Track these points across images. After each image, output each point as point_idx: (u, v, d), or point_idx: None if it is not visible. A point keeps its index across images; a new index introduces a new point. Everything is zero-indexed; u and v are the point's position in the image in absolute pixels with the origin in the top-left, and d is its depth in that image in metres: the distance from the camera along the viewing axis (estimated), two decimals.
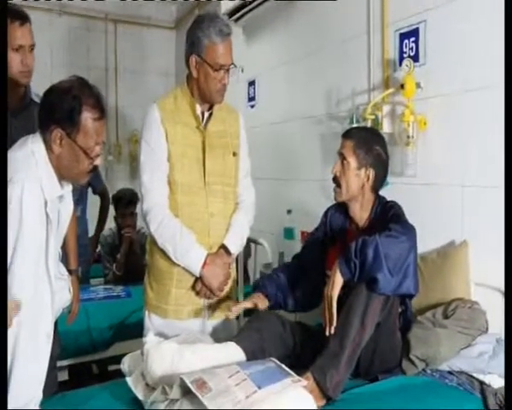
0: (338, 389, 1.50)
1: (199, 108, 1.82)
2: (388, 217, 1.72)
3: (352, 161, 1.79)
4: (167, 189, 1.78)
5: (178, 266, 1.79)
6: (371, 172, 1.80)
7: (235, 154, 1.89)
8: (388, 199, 1.85)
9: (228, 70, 1.76)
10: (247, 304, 1.85)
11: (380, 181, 1.84)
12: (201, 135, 1.81)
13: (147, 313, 1.88)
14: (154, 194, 1.77)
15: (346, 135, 1.85)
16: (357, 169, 1.79)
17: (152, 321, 1.86)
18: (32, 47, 1.76)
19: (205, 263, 1.77)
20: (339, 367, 1.50)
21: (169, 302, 1.82)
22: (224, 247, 1.84)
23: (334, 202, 1.94)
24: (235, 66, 1.78)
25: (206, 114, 1.84)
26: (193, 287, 1.82)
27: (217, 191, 1.83)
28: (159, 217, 1.76)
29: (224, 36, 1.73)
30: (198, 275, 1.78)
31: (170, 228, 1.76)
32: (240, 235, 1.90)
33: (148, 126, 1.79)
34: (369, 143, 1.81)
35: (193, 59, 1.74)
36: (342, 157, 1.82)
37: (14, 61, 1.71)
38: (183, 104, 1.81)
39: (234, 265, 1.96)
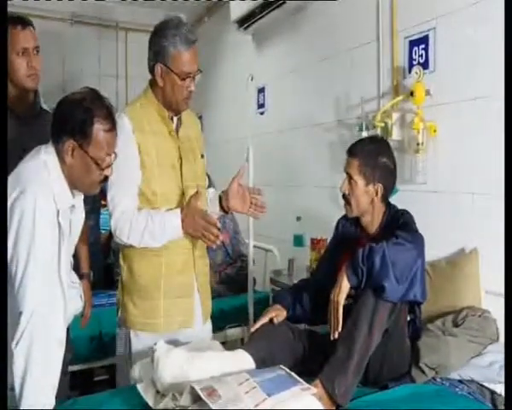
0: (347, 396, 1.50)
1: (167, 114, 1.78)
2: (398, 225, 1.72)
3: (359, 180, 1.79)
4: (137, 200, 1.69)
5: (165, 277, 1.75)
6: (380, 187, 1.79)
7: (202, 156, 1.88)
8: (398, 206, 1.85)
9: (194, 77, 1.72)
10: (264, 319, 1.82)
11: (389, 191, 1.84)
12: (174, 141, 1.77)
13: (132, 332, 1.79)
14: (122, 208, 1.67)
15: (351, 153, 1.84)
16: (365, 186, 1.79)
17: (140, 339, 1.78)
18: (36, 49, 1.76)
19: (182, 221, 1.67)
20: (347, 374, 1.50)
21: (158, 316, 1.76)
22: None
23: (343, 209, 1.94)
24: (201, 71, 1.74)
25: (175, 120, 1.80)
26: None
27: None
28: (127, 224, 1.67)
29: (190, 43, 1.69)
30: (183, 235, 1.70)
31: (139, 224, 1.66)
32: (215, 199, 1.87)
33: (118, 138, 1.64)
34: (374, 158, 1.79)
35: (158, 68, 1.69)
36: (349, 176, 1.81)
37: (20, 65, 1.73)
38: (150, 112, 1.74)
39: None
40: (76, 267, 1.77)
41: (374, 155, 1.80)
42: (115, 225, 1.69)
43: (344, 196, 1.84)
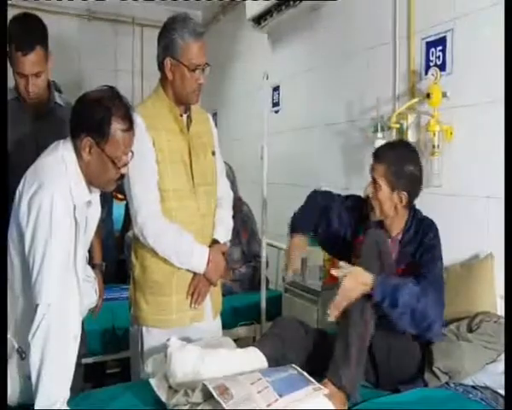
0: (353, 385, 1.54)
1: (178, 112, 1.80)
2: (424, 245, 1.73)
3: (384, 186, 1.76)
4: (159, 195, 1.74)
5: (177, 272, 1.78)
6: (404, 195, 1.75)
7: (213, 153, 1.90)
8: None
9: (203, 70, 1.74)
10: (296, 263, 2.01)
11: (413, 198, 1.81)
12: (185, 138, 1.79)
13: (144, 329, 1.82)
14: (148, 204, 1.72)
15: (377, 157, 1.80)
16: (389, 193, 1.76)
17: (152, 335, 1.80)
18: (37, 74, 1.74)
19: (208, 260, 1.78)
20: (350, 364, 1.54)
21: (171, 312, 1.79)
22: (215, 241, 1.85)
23: None
24: (209, 64, 1.75)
25: (184, 117, 1.82)
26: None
27: (203, 192, 1.83)
28: (156, 228, 1.73)
29: (198, 35, 1.71)
30: (203, 273, 1.78)
31: (169, 236, 1.73)
32: (227, 229, 1.92)
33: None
34: (401, 165, 1.75)
35: (167, 61, 1.71)
36: (374, 180, 1.78)
37: (19, 82, 1.74)
38: (162, 109, 1.77)
39: None
40: (88, 259, 1.79)
41: (400, 162, 1.76)
42: (142, 224, 1.73)
43: (368, 200, 1.81)
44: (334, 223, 1.97)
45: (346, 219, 1.95)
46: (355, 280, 1.60)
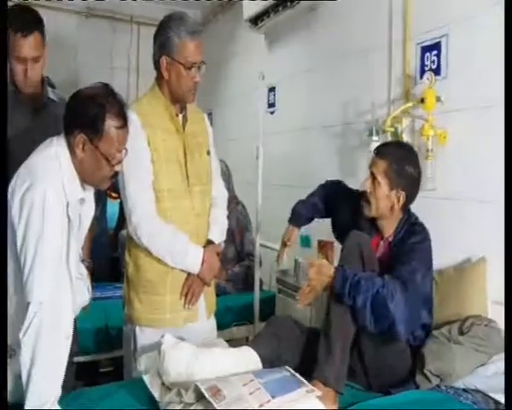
0: (339, 380, 1.58)
1: (173, 111, 1.79)
2: (406, 247, 1.70)
3: (384, 183, 1.76)
4: (153, 194, 1.74)
5: (171, 272, 1.78)
6: (402, 195, 1.76)
7: (208, 152, 1.91)
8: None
9: (199, 68, 1.74)
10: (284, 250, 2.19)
11: (410, 200, 1.81)
12: (181, 138, 1.79)
13: (137, 328, 1.82)
14: (142, 204, 1.72)
15: (379, 153, 1.81)
16: (388, 190, 1.76)
17: (146, 335, 1.80)
18: (36, 59, 1.74)
19: (203, 261, 1.78)
20: (334, 360, 1.58)
21: (164, 311, 1.79)
22: (210, 241, 1.85)
23: None
24: (205, 63, 1.74)
25: (180, 116, 1.82)
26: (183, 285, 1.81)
27: (198, 192, 1.83)
28: (150, 228, 1.73)
29: (194, 33, 1.70)
30: (197, 273, 1.78)
31: (163, 236, 1.73)
32: (222, 229, 1.93)
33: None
34: (402, 164, 1.76)
35: (163, 60, 1.71)
36: (373, 176, 1.78)
37: (17, 70, 1.73)
38: (157, 108, 1.76)
39: None
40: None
41: (402, 162, 1.77)
42: (136, 224, 1.73)
43: (364, 195, 1.81)
44: (338, 209, 2.07)
45: (348, 209, 1.99)
46: (318, 271, 1.65)
